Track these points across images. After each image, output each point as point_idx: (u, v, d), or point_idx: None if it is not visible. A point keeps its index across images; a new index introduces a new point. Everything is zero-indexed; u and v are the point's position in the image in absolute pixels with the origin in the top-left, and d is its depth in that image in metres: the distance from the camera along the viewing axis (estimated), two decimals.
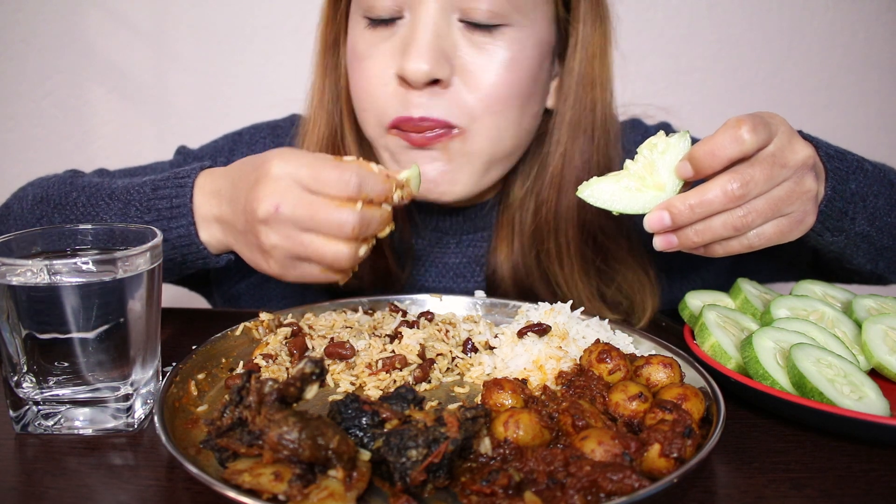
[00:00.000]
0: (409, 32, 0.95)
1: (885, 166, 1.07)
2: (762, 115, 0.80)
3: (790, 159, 0.78)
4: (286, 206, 0.80)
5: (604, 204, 0.83)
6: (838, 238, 0.96)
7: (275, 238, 0.83)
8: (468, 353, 0.90)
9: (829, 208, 0.91)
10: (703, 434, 0.68)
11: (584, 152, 1.06)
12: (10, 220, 1.03)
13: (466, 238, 1.20)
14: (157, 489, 0.65)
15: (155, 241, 0.76)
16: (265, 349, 0.88)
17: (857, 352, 0.88)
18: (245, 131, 1.28)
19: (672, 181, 0.81)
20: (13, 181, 1.14)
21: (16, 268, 0.69)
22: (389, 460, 0.61)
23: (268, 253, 0.84)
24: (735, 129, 0.76)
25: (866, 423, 0.70)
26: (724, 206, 0.77)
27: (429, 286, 1.21)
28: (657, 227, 0.80)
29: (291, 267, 0.85)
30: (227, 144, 1.25)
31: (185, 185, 0.92)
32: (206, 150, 1.25)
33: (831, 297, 0.99)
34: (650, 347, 0.89)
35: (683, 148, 0.81)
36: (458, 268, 1.21)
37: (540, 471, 0.62)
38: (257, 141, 1.25)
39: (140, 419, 0.76)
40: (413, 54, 0.93)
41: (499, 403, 0.75)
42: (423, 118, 0.96)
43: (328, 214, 0.80)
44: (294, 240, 0.82)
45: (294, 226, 0.81)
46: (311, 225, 0.81)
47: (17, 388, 0.73)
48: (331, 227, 0.81)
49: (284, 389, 0.61)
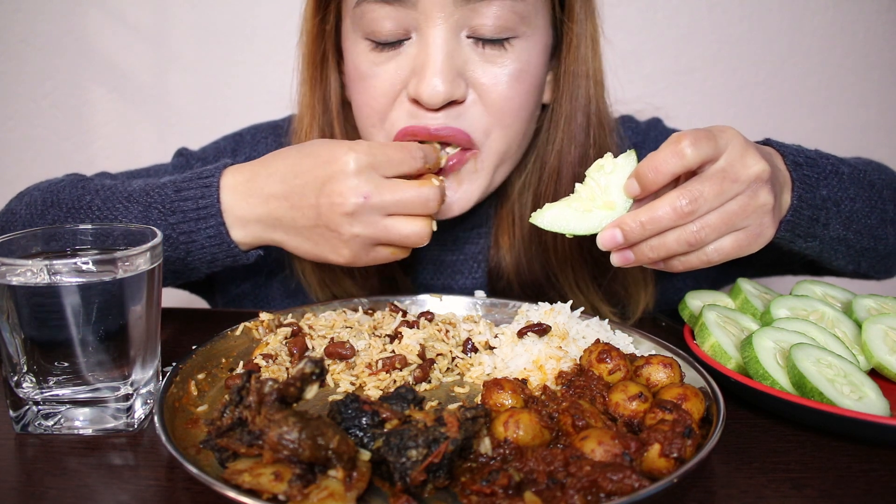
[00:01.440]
0: (419, 54, 0.95)
1: (869, 166, 1.06)
2: (711, 129, 0.80)
3: (741, 174, 0.78)
4: (375, 196, 0.86)
5: (558, 228, 0.84)
6: (812, 243, 0.97)
7: (358, 227, 0.87)
8: (468, 353, 0.90)
9: (797, 217, 0.91)
10: (703, 434, 0.68)
11: (579, 145, 1.07)
12: (17, 226, 1.01)
13: (463, 235, 1.21)
14: (157, 489, 0.65)
15: (155, 241, 0.76)
16: (265, 349, 0.88)
17: (857, 352, 0.88)
18: (246, 132, 1.28)
19: (622, 200, 0.83)
20: (13, 181, 1.14)
21: (16, 268, 0.69)
22: (389, 460, 0.61)
23: (346, 243, 0.89)
24: (676, 144, 0.77)
25: (866, 423, 0.70)
26: (674, 222, 0.77)
27: (427, 283, 1.21)
28: (610, 244, 0.81)
29: (364, 253, 0.91)
30: (228, 145, 1.25)
31: (211, 184, 0.92)
32: (207, 151, 1.25)
33: (831, 297, 0.99)
34: (650, 347, 0.89)
35: (631, 167, 0.82)
36: (455, 265, 1.21)
37: (540, 471, 0.62)
38: (259, 140, 1.26)
39: (140, 419, 0.76)
40: (428, 77, 0.93)
41: (499, 403, 0.75)
42: (441, 127, 0.97)
43: (415, 194, 0.87)
44: (377, 226, 0.87)
45: (380, 212, 0.87)
46: (397, 209, 0.87)
47: (17, 388, 0.73)
48: (416, 206, 0.87)
49: (284, 389, 0.61)
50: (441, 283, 1.22)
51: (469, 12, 0.93)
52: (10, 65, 2.04)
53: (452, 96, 0.94)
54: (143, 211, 0.94)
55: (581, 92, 1.06)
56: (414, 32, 0.96)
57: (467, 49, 0.96)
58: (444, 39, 0.93)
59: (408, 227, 0.88)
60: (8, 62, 2.04)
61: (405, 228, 0.88)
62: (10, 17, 2.01)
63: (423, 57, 0.94)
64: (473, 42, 0.96)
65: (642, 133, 1.29)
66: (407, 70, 0.96)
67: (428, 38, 0.93)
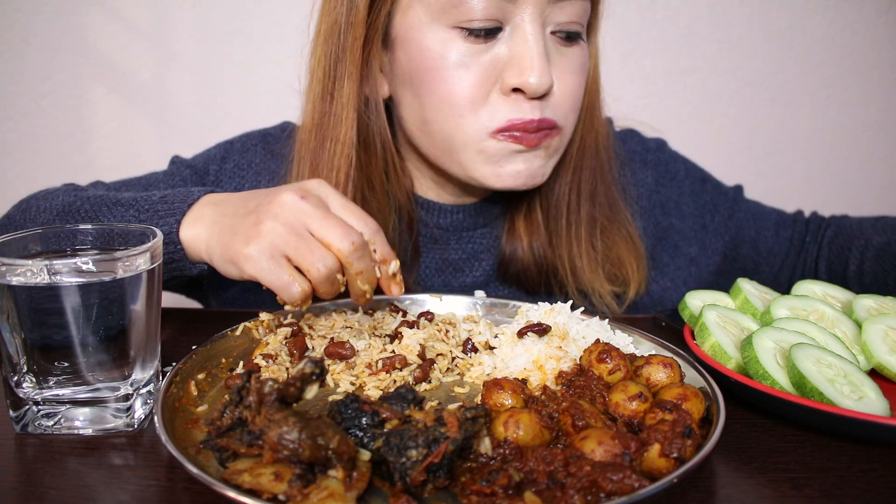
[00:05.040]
0: (518, 45, 0.99)
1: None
2: None
3: None
4: (311, 199, 0.83)
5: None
6: None
7: (279, 222, 0.82)
8: (468, 353, 0.90)
9: None
10: (703, 434, 0.68)
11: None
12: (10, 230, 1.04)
13: (466, 234, 1.22)
14: (157, 489, 0.65)
15: (155, 241, 0.76)
16: (265, 349, 0.88)
17: (857, 352, 0.88)
18: (236, 140, 1.28)
19: None
20: (13, 181, 1.14)
21: (16, 268, 0.69)
22: (389, 460, 0.61)
23: (259, 235, 0.82)
24: None
25: (866, 423, 0.70)
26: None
27: (427, 281, 1.22)
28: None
29: (267, 258, 0.82)
30: (218, 153, 1.26)
31: (191, 195, 0.95)
32: (198, 158, 1.26)
33: (831, 297, 0.99)
34: (650, 347, 0.89)
35: None
36: (456, 263, 1.22)
37: (540, 471, 0.62)
38: (248, 148, 1.25)
39: (140, 419, 0.76)
40: (536, 67, 0.98)
41: (499, 403, 0.75)
42: (543, 119, 1.02)
43: (340, 221, 0.83)
44: (295, 229, 0.82)
45: (306, 218, 0.82)
46: (320, 225, 0.82)
47: (17, 388, 0.73)
48: (335, 232, 0.82)
49: (284, 389, 0.61)
50: (442, 280, 1.23)
51: (556, 10, 1.00)
52: (10, 65, 2.04)
53: (551, 85, 1.01)
54: (123, 212, 0.98)
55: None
56: (507, 25, 1.00)
57: (550, 44, 1.02)
58: (539, 33, 0.99)
59: (320, 255, 0.81)
60: (8, 62, 2.04)
61: (316, 253, 0.81)
62: (10, 17, 2.01)
63: (522, 49, 0.99)
64: (554, 38, 1.03)
65: (652, 152, 1.34)
66: (501, 62, 1.01)
67: (527, 30, 0.99)
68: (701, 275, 1.31)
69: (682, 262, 1.31)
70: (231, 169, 1.23)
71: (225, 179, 1.23)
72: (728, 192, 1.36)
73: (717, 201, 1.33)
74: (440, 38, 1.00)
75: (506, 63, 1.00)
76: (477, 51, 1.00)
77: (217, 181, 1.22)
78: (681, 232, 1.31)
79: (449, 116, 1.03)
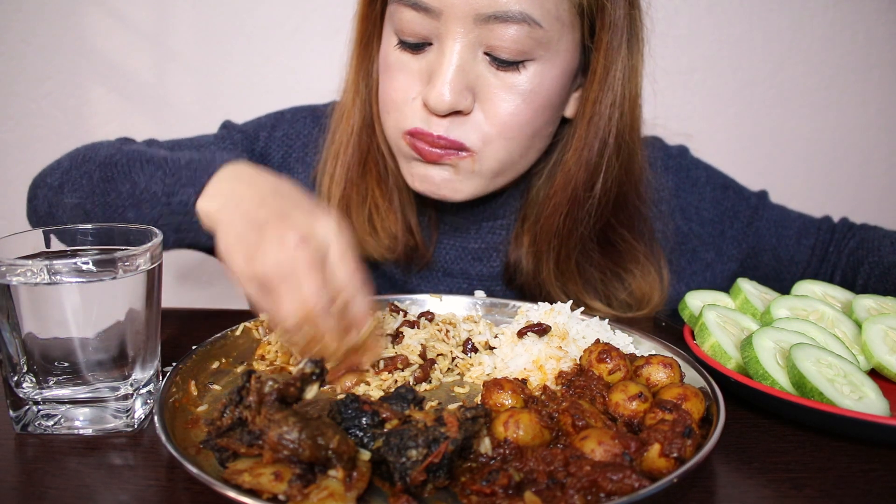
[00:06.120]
0: (435, 61, 0.98)
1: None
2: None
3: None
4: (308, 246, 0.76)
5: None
6: None
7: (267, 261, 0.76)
8: (468, 353, 0.90)
9: None
10: (703, 434, 0.68)
11: (589, 167, 1.07)
12: (56, 174, 1.08)
13: (486, 225, 1.23)
14: (157, 489, 0.65)
15: (155, 241, 0.76)
16: (265, 349, 0.88)
17: (857, 352, 0.88)
18: (287, 111, 1.33)
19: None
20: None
21: (16, 268, 0.69)
22: (389, 460, 0.61)
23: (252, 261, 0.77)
24: None
25: (866, 423, 0.70)
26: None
27: (448, 267, 1.24)
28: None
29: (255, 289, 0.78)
30: (269, 121, 1.31)
31: (214, 160, 0.95)
32: (249, 125, 1.30)
33: (831, 297, 0.99)
34: (650, 347, 0.89)
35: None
36: (476, 252, 1.24)
37: (540, 471, 0.62)
38: (298, 119, 1.30)
39: (140, 419, 0.76)
40: (437, 85, 0.96)
41: (499, 403, 0.75)
42: (441, 136, 1.00)
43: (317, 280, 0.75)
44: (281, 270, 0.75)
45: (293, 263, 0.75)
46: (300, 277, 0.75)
47: (17, 388, 0.73)
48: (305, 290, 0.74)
49: (284, 389, 0.61)
50: (460, 268, 1.24)
51: (487, 32, 0.95)
52: (10, 65, 2.04)
53: (457, 106, 0.97)
54: (154, 171, 0.98)
55: (602, 119, 1.05)
56: (435, 41, 0.99)
57: (481, 65, 0.98)
58: (459, 52, 0.96)
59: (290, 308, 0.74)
60: (8, 62, 2.03)
61: (286, 305, 0.75)
62: (10, 17, 2.01)
63: (437, 65, 0.98)
64: (489, 60, 0.98)
65: (674, 158, 1.33)
66: (425, 74, 1.01)
67: (445, 48, 0.97)
68: (716, 280, 1.30)
69: (698, 268, 1.30)
70: (280, 137, 1.28)
71: (273, 147, 1.27)
72: (750, 198, 1.33)
73: (738, 208, 1.31)
74: (388, 41, 1.05)
75: (426, 77, 1.01)
76: (407, 59, 1.02)
77: (266, 147, 1.27)
78: (700, 237, 1.29)
79: (382, 111, 1.09)
